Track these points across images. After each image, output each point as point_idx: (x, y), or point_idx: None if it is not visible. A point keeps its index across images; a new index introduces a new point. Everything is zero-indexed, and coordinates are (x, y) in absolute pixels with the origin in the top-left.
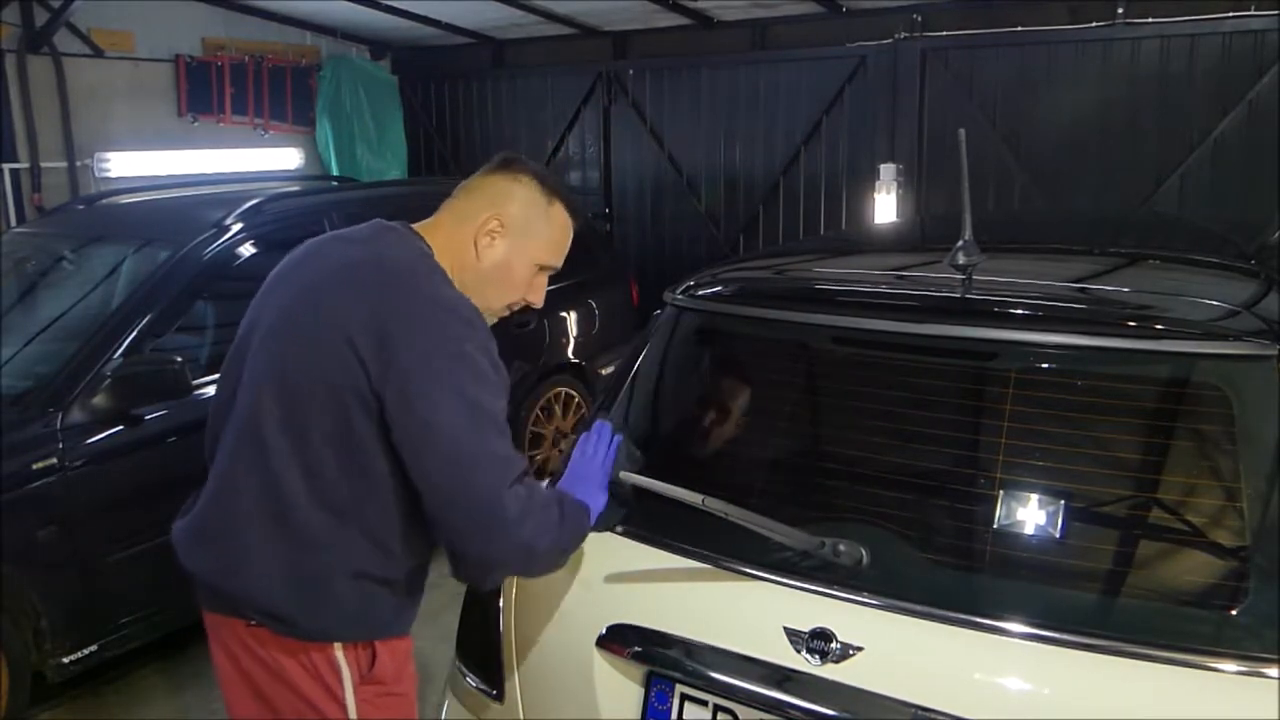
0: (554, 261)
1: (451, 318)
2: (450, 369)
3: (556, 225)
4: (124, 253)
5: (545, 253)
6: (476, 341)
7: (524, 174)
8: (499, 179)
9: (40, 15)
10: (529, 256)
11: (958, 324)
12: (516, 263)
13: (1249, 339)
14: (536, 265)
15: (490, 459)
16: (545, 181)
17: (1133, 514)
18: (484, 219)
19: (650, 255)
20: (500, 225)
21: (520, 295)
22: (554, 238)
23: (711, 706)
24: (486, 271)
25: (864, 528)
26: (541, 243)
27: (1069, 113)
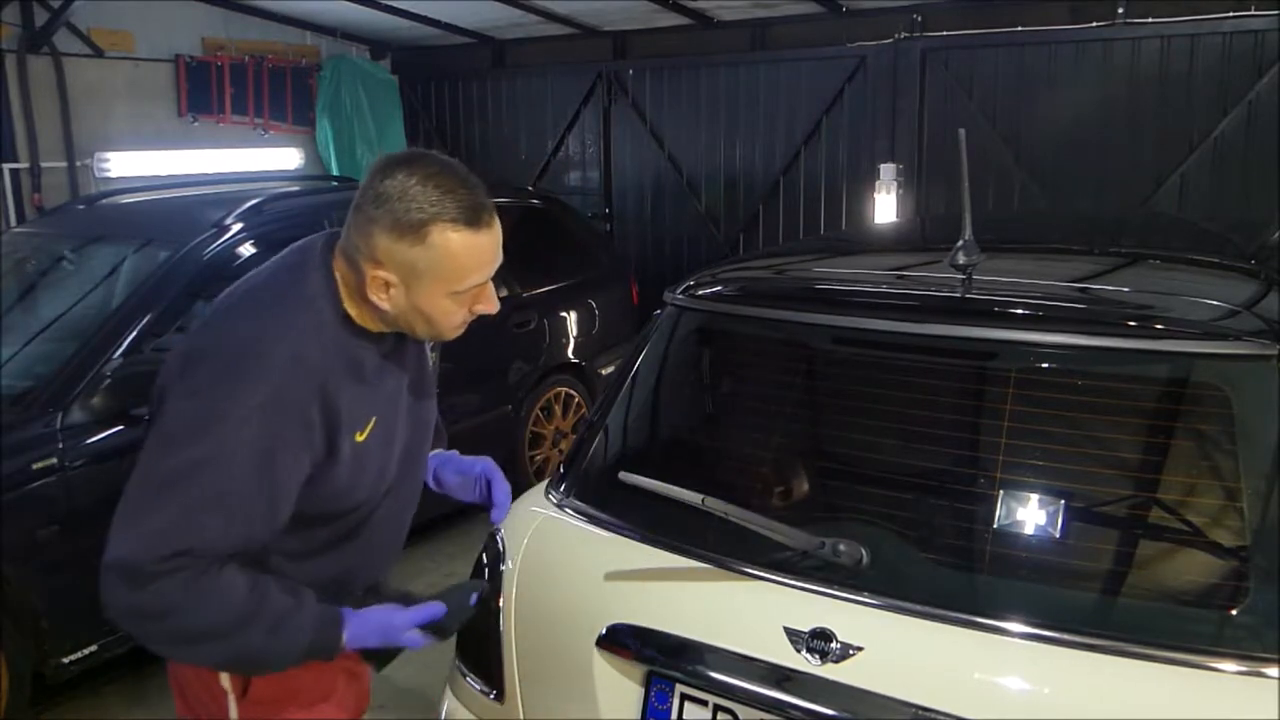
0: (473, 282)
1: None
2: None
3: (445, 252)
4: (124, 253)
5: (453, 283)
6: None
7: (385, 211)
8: (364, 219)
9: (40, 15)
10: (437, 294)
11: (958, 324)
12: (426, 305)
13: (1249, 339)
14: (451, 295)
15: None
16: (408, 212)
17: (1133, 514)
18: (367, 275)
19: (650, 255)
20: (385, 279)
21: (459, 320)
22: (452, 266)
23: (711, 706)
24: (400, 316)
25: (864, 528)
26: (440, 278)
27: (1069, 113)
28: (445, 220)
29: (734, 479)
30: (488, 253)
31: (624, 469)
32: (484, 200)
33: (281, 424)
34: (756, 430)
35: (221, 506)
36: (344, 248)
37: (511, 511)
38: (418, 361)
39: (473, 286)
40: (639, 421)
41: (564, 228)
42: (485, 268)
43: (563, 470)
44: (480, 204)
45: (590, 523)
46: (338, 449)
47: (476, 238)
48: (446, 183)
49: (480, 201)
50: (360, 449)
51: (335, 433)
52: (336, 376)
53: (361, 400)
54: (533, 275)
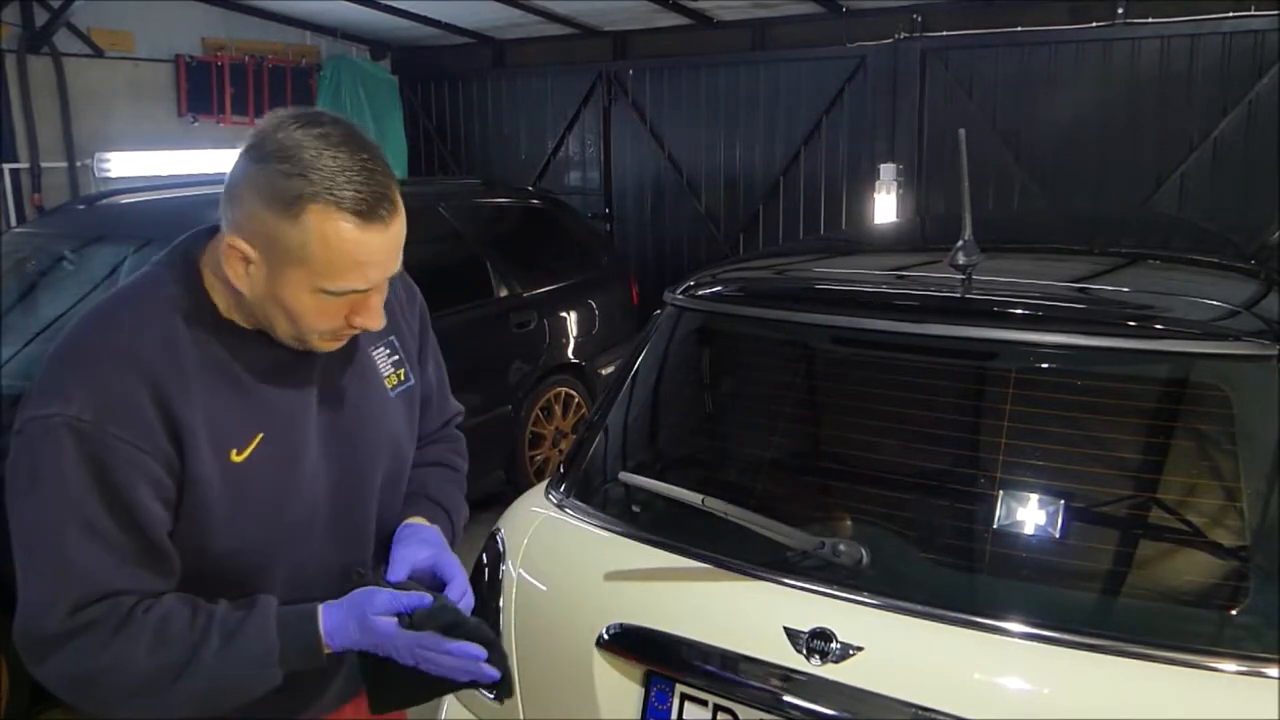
0: (345, 285)
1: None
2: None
3: (318, 239)
4: (124, 253)
5: (320, 277)
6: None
7: (263, 167)
8: (241, 171)
9: (40, 15)
10: (298, 286)
11: (958, 324)
12: (287, 296)
13: (1249, 339)
14: (319, 291)
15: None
16: (290, 173)
17: (1133, 514)
18: (224, 243)
19: (650, 255)
20: (243, 251)
21: (328, 325)
22: (322, 258)
23: (711, 706)
24: (257, 303)
25: (864, 528)
26: (304, 266)
27: (1069, 113)
28: (328, 201)
29: (734, 479)
30: (375, 254)
31: (624, 469)
32: (388, 193)
33: (107, 427)
34: (756, 430)
35: (90, 541)
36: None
37: (511, 511)
38: (351, 370)
39: (348, 291)
40: (639, 421)
41: (564, 228)
42: (368, 272)
43: (563, 470)
44: (381, 195)
45: (590, 523)
46: (194, 462)
47: (363, 234)
48: (347, 159)
49: (382, 193)
50: (239, 472)
51: (185, 444)
52: (181, 376)
53: (233, 410)
54: (533, 275)
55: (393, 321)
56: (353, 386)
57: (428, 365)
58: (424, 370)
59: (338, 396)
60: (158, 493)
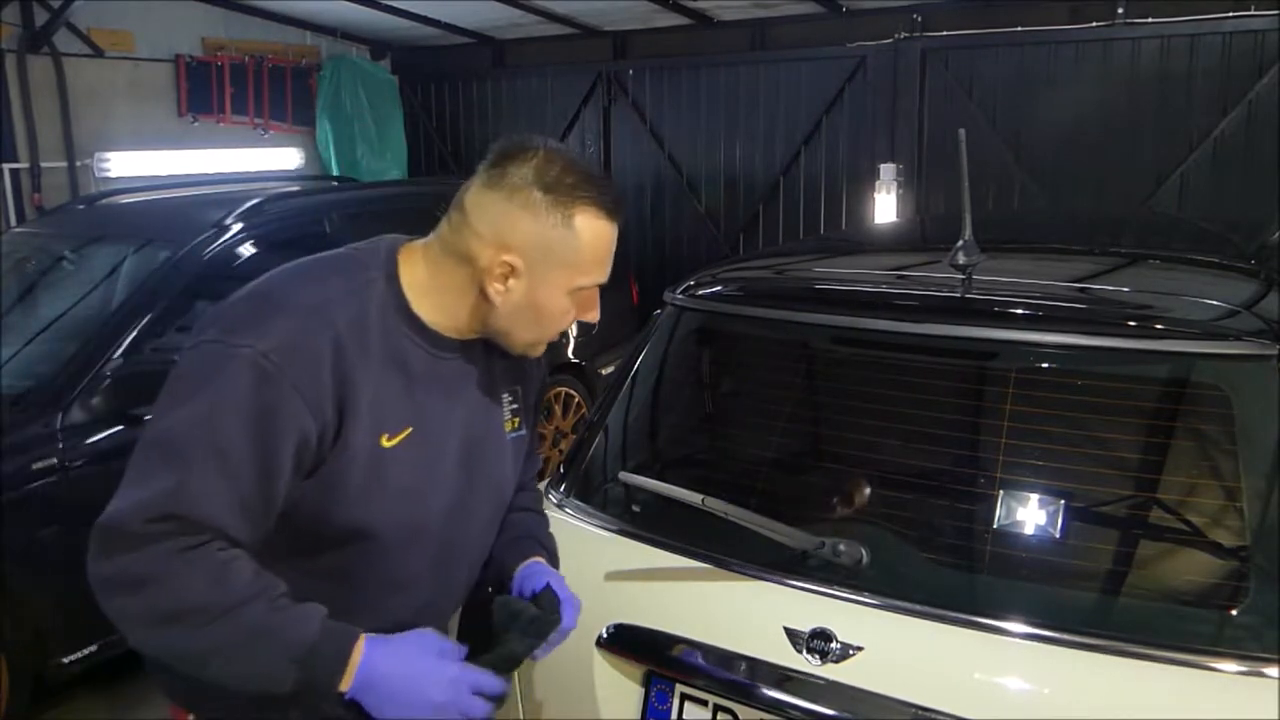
0: (596, 279)
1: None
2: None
3: (586, 238)
4: (124, 253)
5: (581, 274)
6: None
7: (523, 187)
8: (495, 199)
9: (40, 15)
10: (560, 286)
11: (958, 324)
12: (545, 298)
13: (1249, 339)
14: (575, 289)
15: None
16: (555, 187)
17: (1133, 514)
18: (488, 261)
19: (650, 255)
20: (511, 265)
21: (566, 323)
22: (588, 255)
23: (711, 706)
24: (511, 315)
25: (864, 528)
26: (571, 266)
27: (1069, 113)
28: (593, 204)
29: (734, 479)
30: (610, 251)
31: (624, 469)
32: (620, 201)
33: (288, 374)
34: (756, 430)
35: (216, 467)
36: (448, 243)
37: None
38: (488, 403)
39: (595, 285)
40: (639, 421)
41: None
42: (607, 265)
43: (563, 470)
44: (618, 198)
45: (590, 523)
46: (350, 433)
47: (612, 230)
48: (586, 169)
49: (617, 195)
50: (384, 456)
51: (348, 413)
52: (363, 349)
53: (396, 398)
54: None
55: (524, 372)
56: (487, 419)
57: (533, 424)
58: (532, 428)
59: (477, 422)
60: (300, 451)
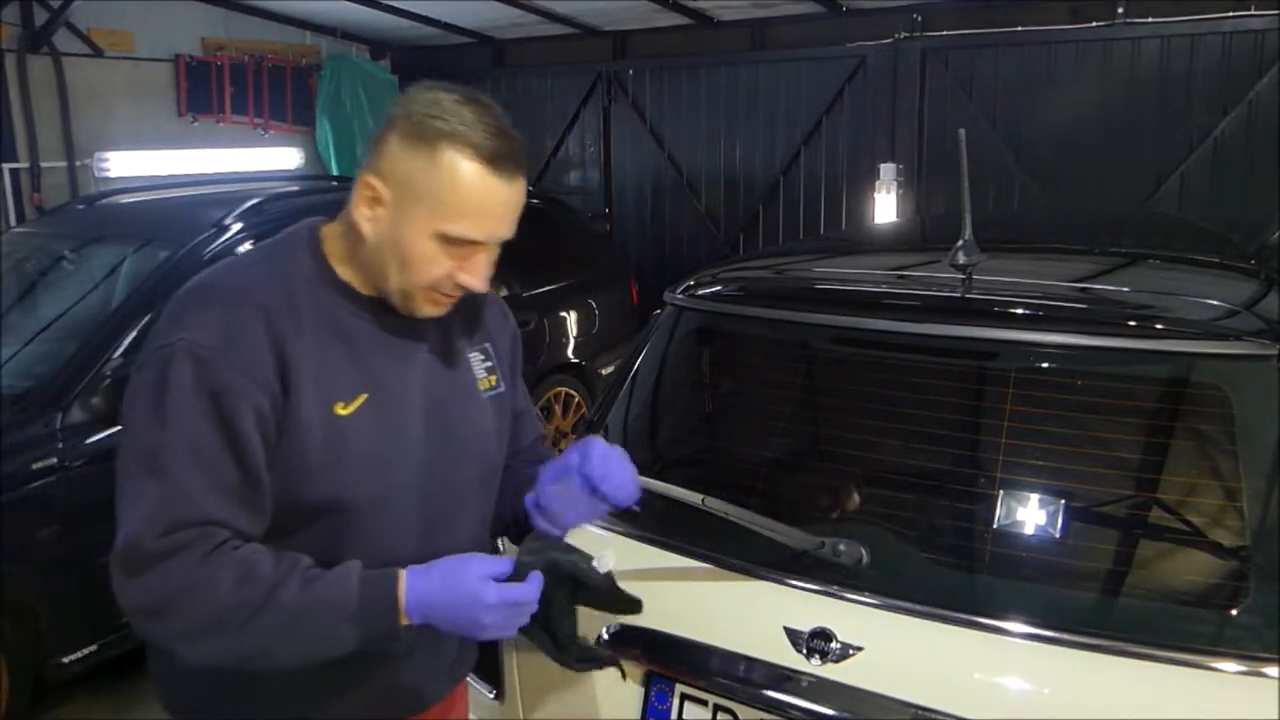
0: (467, 231)
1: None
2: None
3: (452, 178)
4: (124, 253)
5: (444, 219)
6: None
7: (401, 114)
8: (386, 122)
9: (40, 15)
10: (422, 227)
11: (958, 324)
12: (408, 237)
13: (1249, 339)
14: (437, 235)
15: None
16: (429, 117)
17: (1133, 514)
18: (361, 183)
19: (650, 255)
20: (375, 190)
21: (436, 275)
22: (452, 198)
23: (711, 706)
24: (376, 249)
25: (864, 528)
26: (433, 206)
27: (1069, 113)
28: (465, 143)
29: (734, 479)
30: (494, 206)
31: None
32: (516, 154)
33: (224, 357)
34: (756, 430)
35: (193, 462)
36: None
37: None
38: (451, 363)
39: (465, 239)
40: (639, 421)
41: (564, 228)
42: (485, 222)
43: None
44: (510, 153)
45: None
46: (298, 407)
47: (491, 180)
48: (485, 115)
49: (511, 151)
50: (342, 425)
51: (291, 383)
52: (296, 320)
53: (343, 366)
54: (533, 275)
55: (488, 331)
56: (452, 378)
57: (518, 385)
58: (516, 388)
59: (439, 382)
60: (260, 426)
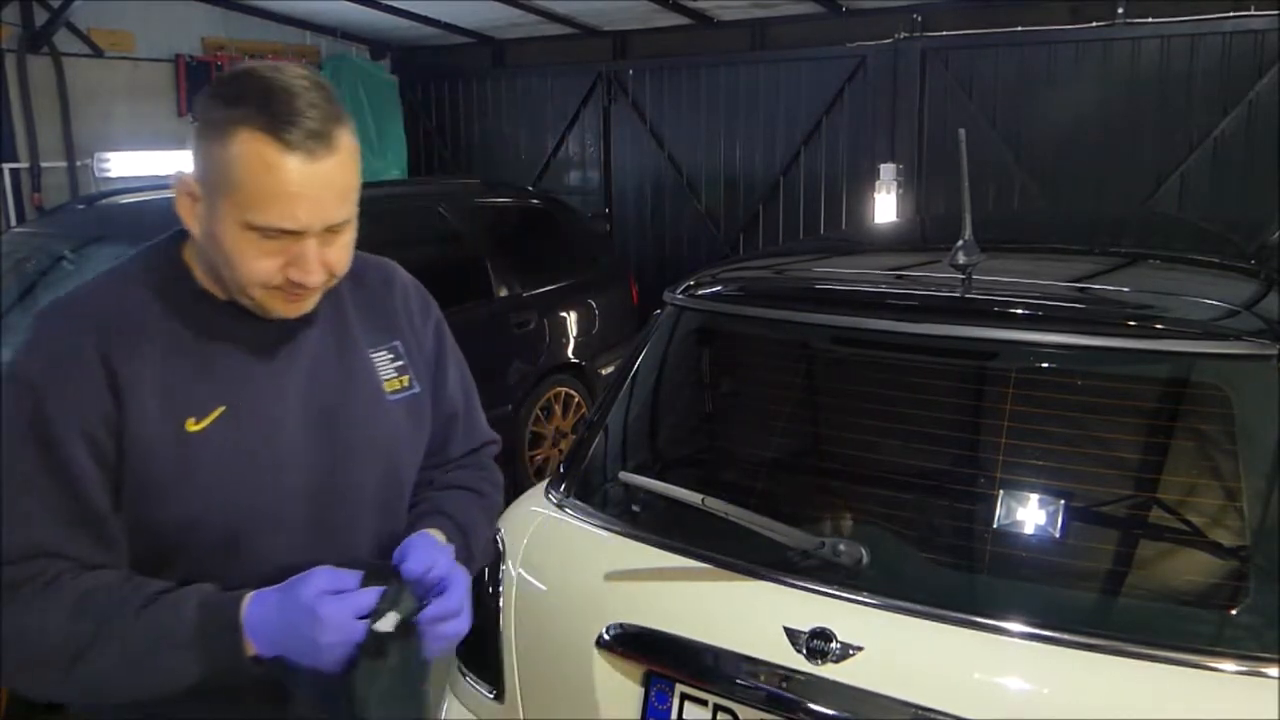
0: (272, 219)
1: None
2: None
3: (240, 163)
4: (124, 253)
5: (245, 208)
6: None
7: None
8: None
9: (40, 15)
10: (229, 218)
11: (958, 324)
12: (219, 231)
13: (1249, 339)
14: (246, 226)
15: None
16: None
17: (1133, 514)
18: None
19: (650, 255)
20: (188, 185)
21: (263, 272)
22: (248, 184)
23: (711, 706)
24: (205, 249)
25: (864, 528)
26: (231, 195)
27: (1069, 113)
28: (255, 121)
29: (734, 479)
30: (301, 188)
31: (624, 469)
32: (324, 132)
33: (51, 381)
34: (756, 430)
35: (21, 492)
36: None
37: (511, 511)
38: (343, 364)
39: (275, 229)
40: (639, 421)
41: (564, 228)
42: (294, 208)
43: (563, 470)
44: (314, 131)
45: (590, 523)
46: (137, 425)
47: (285, 161)
48: (285, 88)
49: (316, 129)
50: (194, 442)
51: (126, 401)
52: (134, 334)
53: (195, 379)
54: (533, 275)
55: (398, 327)
56: (346, 382)
57: (447, 383)
58: (443, 388)
59: (326, 388)
60: (93, 451)
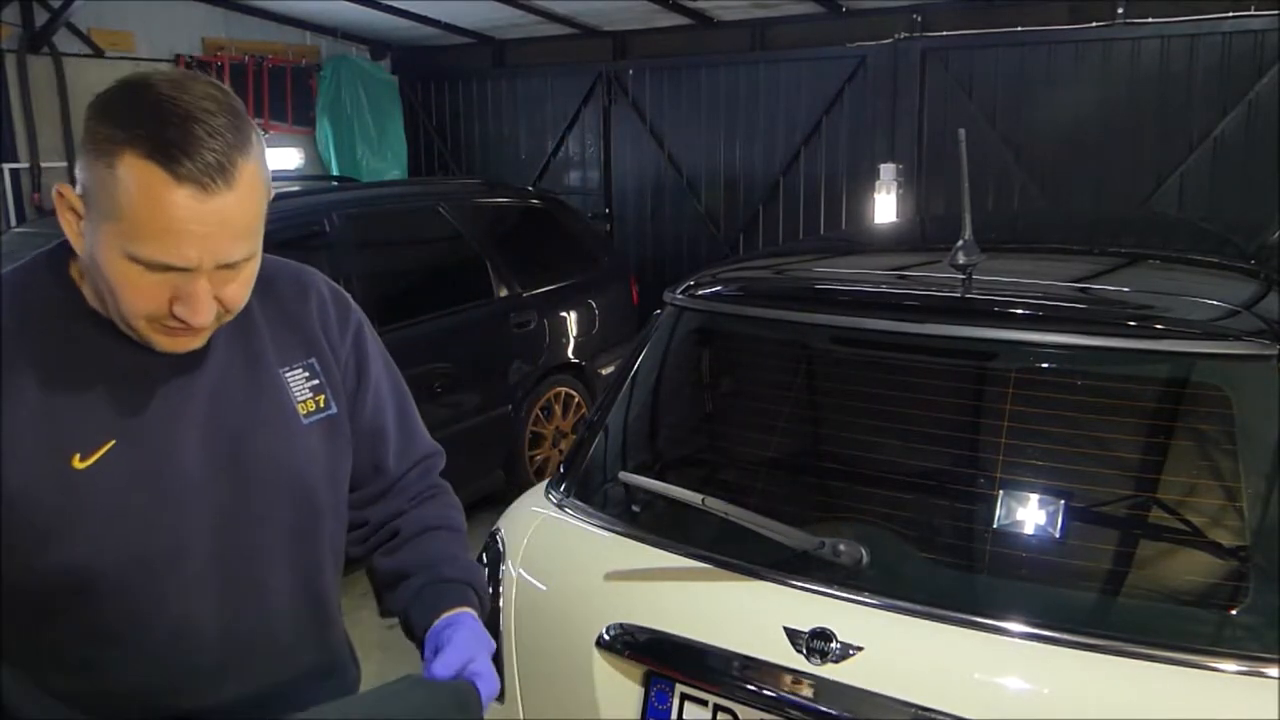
0: (151, 254)
1: None
2: None
3: (123, 189)
4: None
5: (127, 238)
6: None
7: (89, 113)
8: None
9: (40, 15)
10: (111, 246)
11: (958, 324)
12: (101, 257)
13: (1249, 339)
14: (129, 257)
15: None
16: (108, 115)
17: (1133, 514)
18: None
19: (650, 255)
20: (68, 198)
21: (147, 306)
22: (130, 214)
23: (711, 706)
24: (88, 269)
25: (864, 528)
26: (115, 222)
27: (1069, 113)
28: (143, 150)
29: (734, 479)
30: (191, 224)
31: (624, 469)
32: (226, 163)
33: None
34: (756, 430)
35: None
36: None
37: (512, 511)
38: (250, 388)
39: (160, 264)
40: (639, 421)
41: (564, 228)
42: (182, 245)
43: (563, 470)
44: (214, 164)
45: (590, 523)
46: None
47: (176, 195)
48: (185, 113)
49: (216, 161)
50: (81, 480)
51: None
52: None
53: (82, 409)
54: (533, 275)
55: (315, 342)
56: (253, 406)
57: (368, 398)
58: (363, 405)
59: (230, 413)
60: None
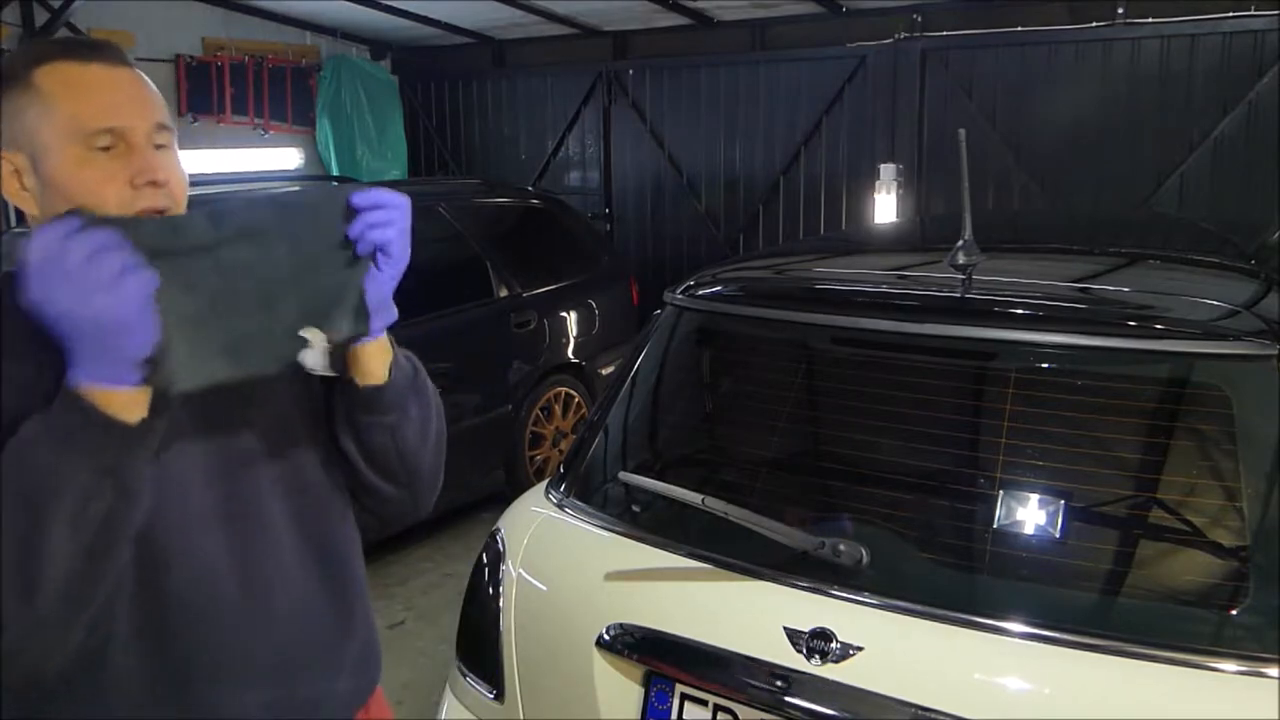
0: (99, 123)
1: None
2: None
3: (52, 91)
4: None
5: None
6: None
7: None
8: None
9: (40, 15)
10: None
11: (958, 324)
12: (64, 174)
13: (1249, 339)
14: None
15: None
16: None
17: (1133, 514)
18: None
19: (650, 255)
20: (12, 163)
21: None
22: (66, 104)
23: (711, 706)
24: (47, 213)
25: (864, 528)
26: (60, 126)
27: (1069, 113)
28: (47, 61)
29: (734, 479)
30: (115, 88)
31: (624, 469)
32: (105, 45)
33: None
34: (756, 430)
35: None
36: None
37: (511, 511)
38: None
39: (106, 130)
40: (639, 421)
41: (564, 228)
42: (117, 108)
43: (563, 470)
44: (95, 45)
45: (590, 523)
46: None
47: (88, 68)
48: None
49: (95, 43)
50: None
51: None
52: None
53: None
54: (533, 275)
55: None
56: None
57: None
58: None
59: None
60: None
